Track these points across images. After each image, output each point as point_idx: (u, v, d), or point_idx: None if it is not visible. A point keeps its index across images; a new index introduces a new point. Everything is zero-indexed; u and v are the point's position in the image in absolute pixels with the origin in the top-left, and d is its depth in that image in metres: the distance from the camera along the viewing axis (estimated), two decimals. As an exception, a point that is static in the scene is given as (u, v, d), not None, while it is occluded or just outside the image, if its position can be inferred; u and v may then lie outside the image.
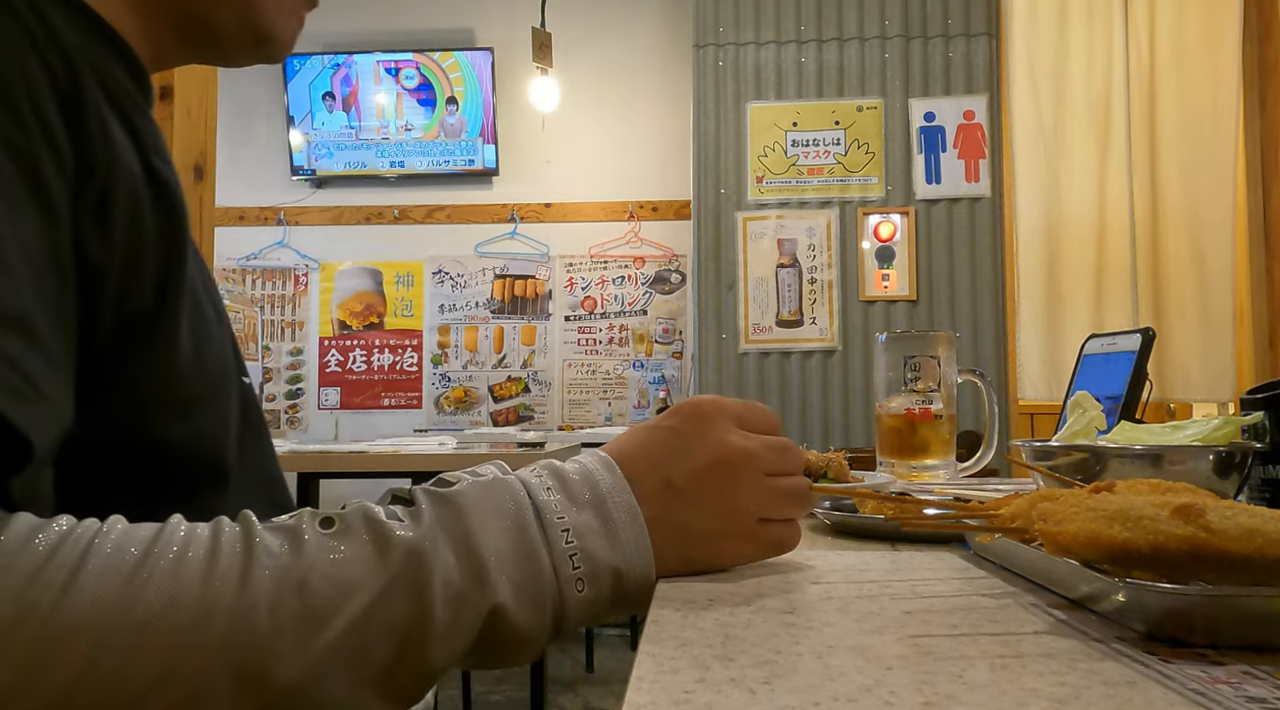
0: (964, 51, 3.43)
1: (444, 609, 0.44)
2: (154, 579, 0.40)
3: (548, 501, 0.49)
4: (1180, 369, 3.11)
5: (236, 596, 0.40)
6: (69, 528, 0.41)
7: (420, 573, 0.44)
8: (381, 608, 0.43)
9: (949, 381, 1.17)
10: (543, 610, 0.47)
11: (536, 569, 0.47)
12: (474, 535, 0.46)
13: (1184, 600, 0.38)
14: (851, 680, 0.34)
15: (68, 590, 0.38)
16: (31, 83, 0.47)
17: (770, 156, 3.51)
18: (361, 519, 0.45)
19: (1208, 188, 3.12)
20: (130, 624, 0.39)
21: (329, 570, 0.42)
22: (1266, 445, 0.72)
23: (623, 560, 0.49)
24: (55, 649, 0.38)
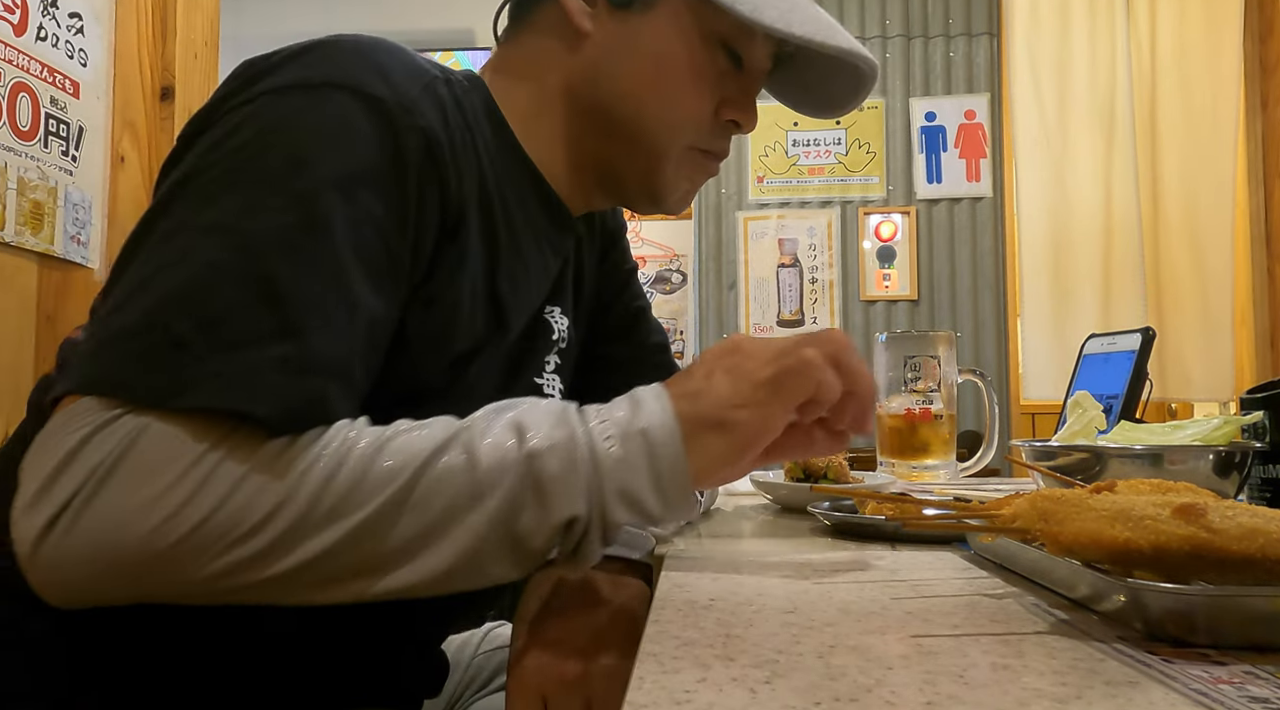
0: (965, 51, 3.43)
1: (489, 458, 0.51)
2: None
3: (586, 405, 0.56)
4: (1181, 368, 3.10)
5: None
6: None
7: (472, 433, 0.52)
8: (440, 458, 0.51)
9: (949, 381, 1.17)
10: (579, 460, 0.52)
11: (570, 432, 0.52)
12: (522, 414, 0.53)
13: (1186, 600, 0.38)
14: (853, 680, 0.34)
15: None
16: (420, 189, 0.59)
17: (771, 156, 3.51)
18: (444, 419, 0.54)
19: (1208, 187, 3.12)
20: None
21: (408, 439, 0.52)
22: (1266, 445, 0.72)
23: (645, 422, 0.54)
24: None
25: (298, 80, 0.58)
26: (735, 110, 0.75)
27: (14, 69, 1.31)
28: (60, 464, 0.48)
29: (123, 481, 0.48)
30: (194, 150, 0.57)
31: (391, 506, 0.50)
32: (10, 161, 1.30)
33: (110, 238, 1.51)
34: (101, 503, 0.47)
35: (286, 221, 0.53)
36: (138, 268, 0.53)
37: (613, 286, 0.91)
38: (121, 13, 1.55)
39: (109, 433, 0.48)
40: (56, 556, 0.48)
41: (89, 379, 0.50)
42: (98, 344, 0.51)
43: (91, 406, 0.49)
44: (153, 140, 1.64)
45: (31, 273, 1.36)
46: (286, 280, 0.52)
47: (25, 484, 0.49)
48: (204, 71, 1.77)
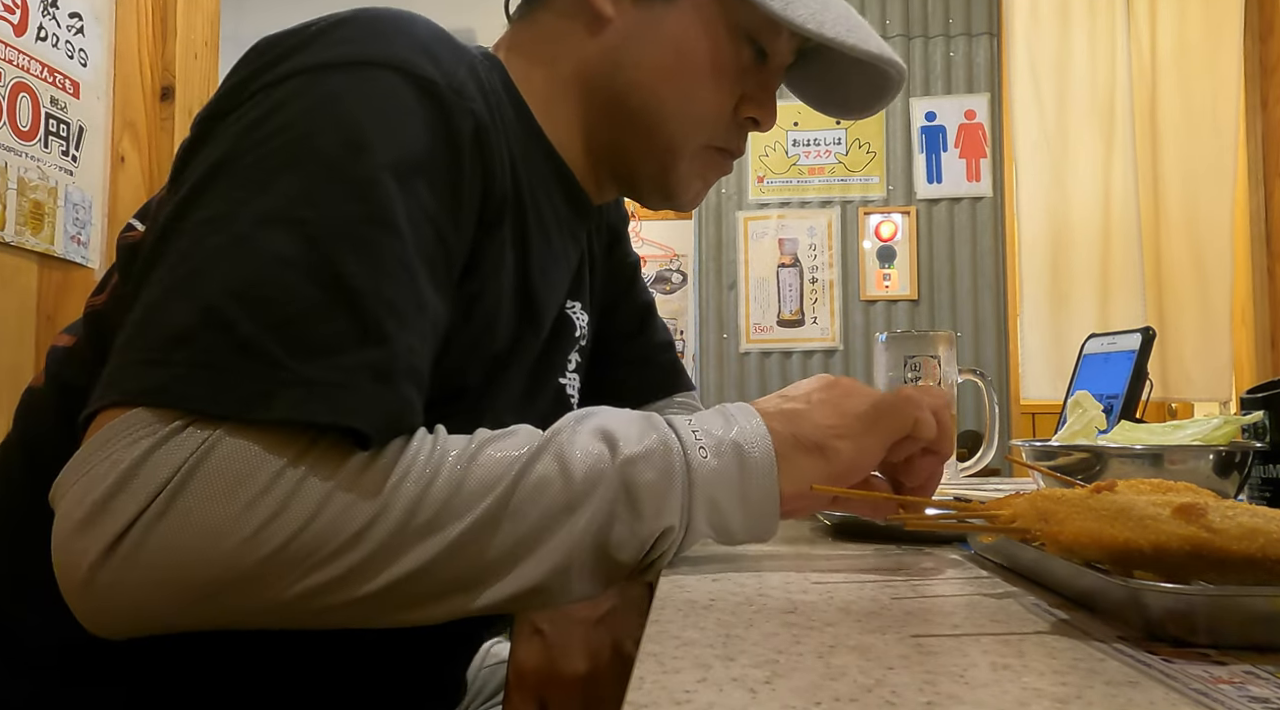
0: (965, 51, 3.43)
1: (583, 468, 0.49)
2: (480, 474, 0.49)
3: (671, 414, 0.55)
4: (1180, 368, 3.10)
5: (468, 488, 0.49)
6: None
7: (562, 442, 0.50)
8: (533, 469, 0.49)
9: (949, 381, 1.17)
10: (673, 472, 0.51)
11: (664, 439, 0.52)
12: (607, 423, 0.52)
13: (1186, 600, 0.38)
14: (853, 680, 0.34)
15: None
16: (469, 179, 0.56)
17: (771, 156, 3.51)
18: (528, 428, 0.52)
19: (1208, 187, 3.12)
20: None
21: (497, 450, 0.50)
22: (1266, 445, 0.72)
23: (739, 435, 0.53)
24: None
25: (339, 58, 0.53)
26: (755, 107, 0.72)
27: (14, 69, 1.31)
28: (120, 480, 0.44)
29: (199, 496, 0.44)
30: (221, 134, 0.52)
31: (488, 520, 0.47)
32: (10, 161, 1.30)
33: (110, 238, 1.51)
34: (176, 519, 0.43)
35: (351, 212, 0.49)
36: (178, 261, 0.48)
37: (621, 281, 0.90)
38: (121, 13, 1.55)
39: (175, 445, 0.44)
40: (121, 579, 0.44)
41: (139, 389, 0.45)
42: (144, 349, 0.47)
43: (145, 419, 0.45)
44: (153, 140, 1.64)
45: (32, 273, 1.36)
46: (360, 278, 0.48)
47: (70, 505, 0.45)
48: (204, 71, 1.77)
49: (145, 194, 1.61)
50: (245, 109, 0.52)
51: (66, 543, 0.45)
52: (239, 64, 0.57)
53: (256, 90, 0.53)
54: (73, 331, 0.66)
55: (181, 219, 0.50)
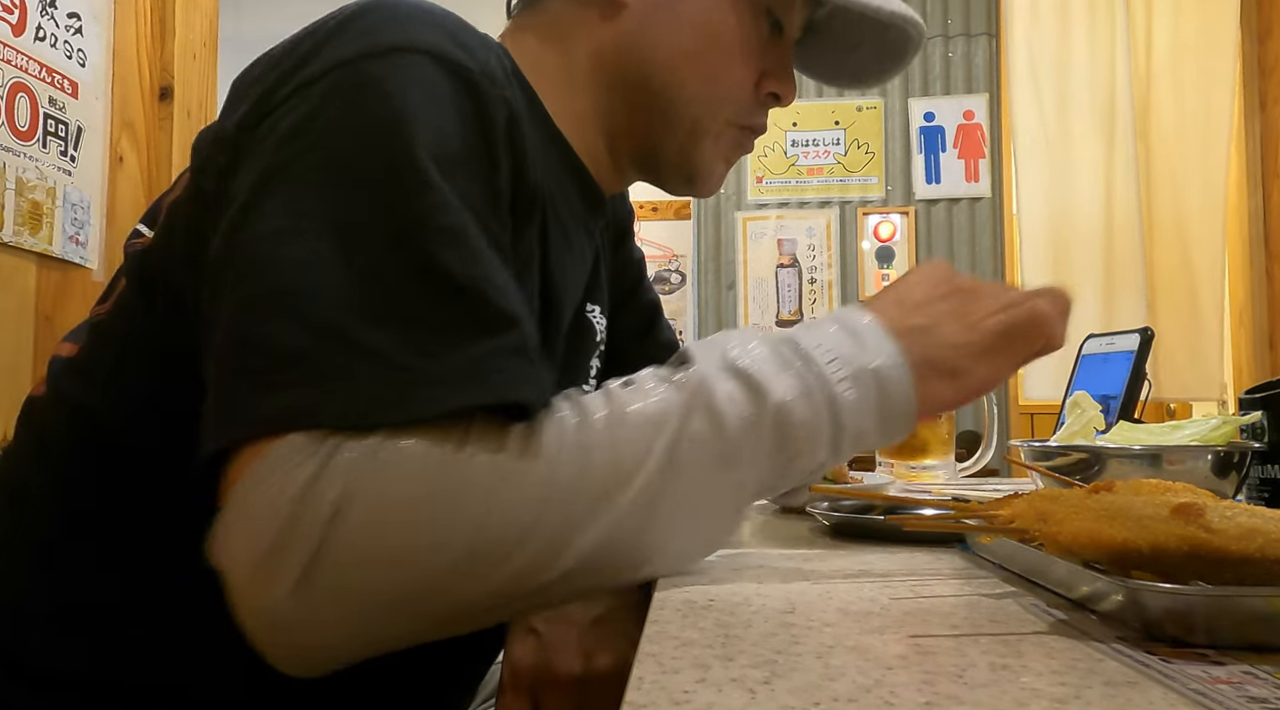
0: (964, 51, 3.43)
1: (734, 418, 0.47)
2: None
3: (795, 332, 0.52)
4: (1175, 368, 3.10)
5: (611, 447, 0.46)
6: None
7: (707, 393, 0.48)
8: (686, 428, 0.47)
9: (949, 381, 1.17)
10: (817, 406, 0.49)
11: (801, 374, 0.50)
12: (741, 360, 0.49)
13: (1184, 600, 0.38)
14: (852, 680, 0.34)
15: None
16: (505, 172, 0.53)
17: (770, 156, 3.51)
18: (648, 374, 0.50)
19: (1202, 187, 3.12)
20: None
21: (640, 409, 0.47)
22: (1265, 445, 0.72)
23: (877, 361, 0.51)
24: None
25: (372, 47, 0.51)
26: (775, 82, 0.71)
27: (13, 69, 1.31)
28: (291, 515, 0.41)
29: (374, 511, 0.42)
30: (264, 142, 0.50)
31: (651, 484, 0.46)
32: (9, 162, 1.30)
33: (109, 238, 1.51)
34: (358, 539, 0.42)
35: (427, 206, 0.47)
36: (257, 279, 0.46)
37: (628, 279, 0.88)
38: (120, 13, 1.55)
39: (337, 465, 0.42)
40: (314, 614, 0.42)
41: (278, 415, 0.43)
42: (257, 373, 0.44)
43: (296, 444, 0.42)
44: (151, 140, 1.64)
45: (30, 273, 1.36)
46: (457, 265, 0.46)
47: (241, 552, 0.43)
48: (203, 71, 1.77)
49: (144, 194, 1.61)
50: (282, 113, 0.50)
51: (248, 590, 0.43)
52: (255, 74, 0.55)
53: (291, 93, 0.51)
54: (74, 339, 0.65)
55: (247, 236, 0.48)
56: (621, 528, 0.45)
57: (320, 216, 0.47)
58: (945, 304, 0.55)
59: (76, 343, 0.64)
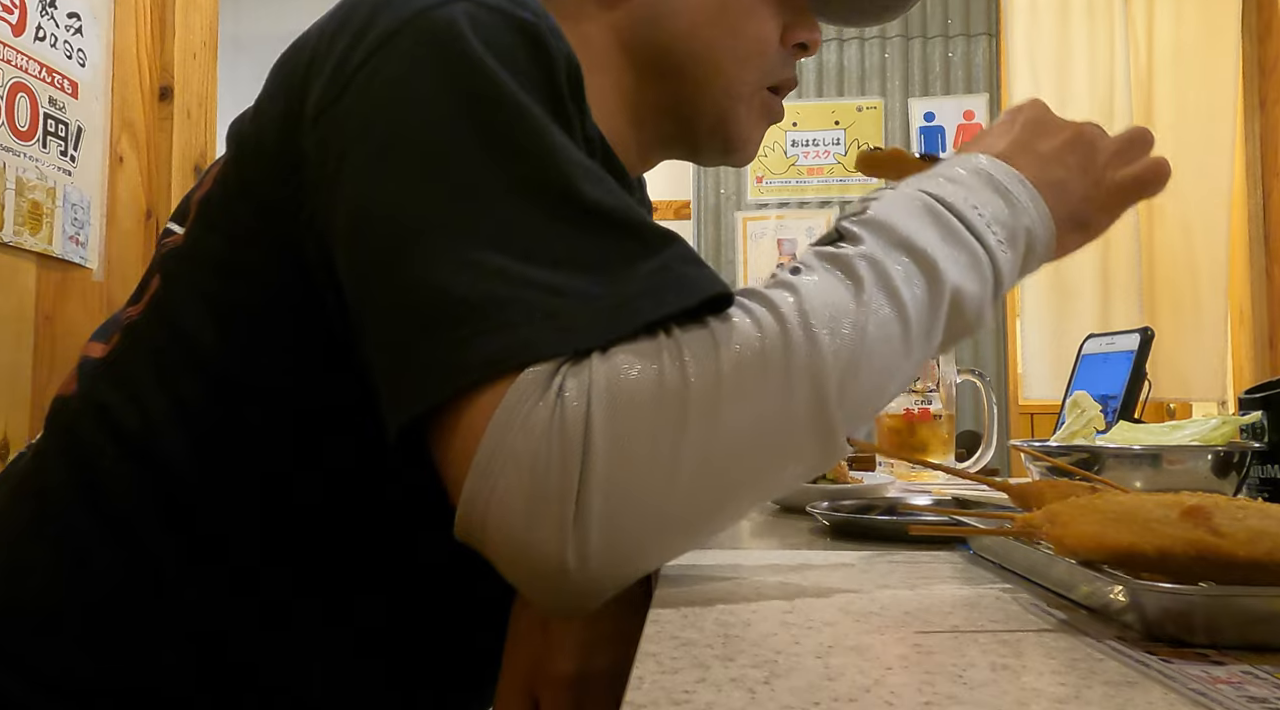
0: (964, 51, 3.43)
1: (914, 302, 0.48)
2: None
3: (945, 192, 0.52)
4: (1175, 368, 3.10)
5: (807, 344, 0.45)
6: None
7: (885, 276, 0.47)
8: (873, 314, 0.46)
9: (948, 381, 1.17)
10: (984, 278, 0.51)
11: (968, 245, 0.50)
12: (909, 238, 0.49)
13: (1184, 600, 0.38)
14: (851, 680, 0.34)
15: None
16: (574, 117, 0.52)
17: (770, 156, 3.51)
18: (816, 257, 0.49)
19: (1204, 187, 3.12)
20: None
21: (827, 297, 0.46)
22: (1265, 445, 0.72)
23: (1028, 220, 0.53)
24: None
25: (430, 2, 0.50)
26: (802, 30, 0.70)
27: (12, 69, 1.31)
28: (544, 455, 0.41)
29: (625, 427, 0.41)
30: (355, 111, 0.49)
31: (850, 371, 0.45)
32: (9, 162, 1.30)
33: (109, 238, 1.51)
34: (618, 460, 0.41)
35: (553, 146, 0.47)
36: (414, 242, 0.45)
37: None
38: (120, 13, 1.55)
39: (571, 394, 0.41)
40: (599, 547, 0.41)
41: (499, 358, 0.42)
42: (454, 326, 0.43)
43: (527, 383, 0.42)
44: (151, 140, 1.64)
45: (30, 273, 1.36)
46: (605, 196, 0.47)
47: (504, 511, 0.42)
48: (203, 71, 1.77)
49: (144, 194, 1.61)
50: (365, 79, 0.49)
51: (523, 548, 0.42)
52: (306, 57, 0.54)
53: (366, 59, 0.49)
54: (103, 338, 0.64)
55: (379, 204, 0.47)
56: (829, 418, 0.45)
57: (457, 170, 0.46)
58: (1073, 155, 0.57)
59: (106, 342, 0.63)
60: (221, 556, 0.57)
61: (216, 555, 0.57)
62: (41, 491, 0.60)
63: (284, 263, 0.54)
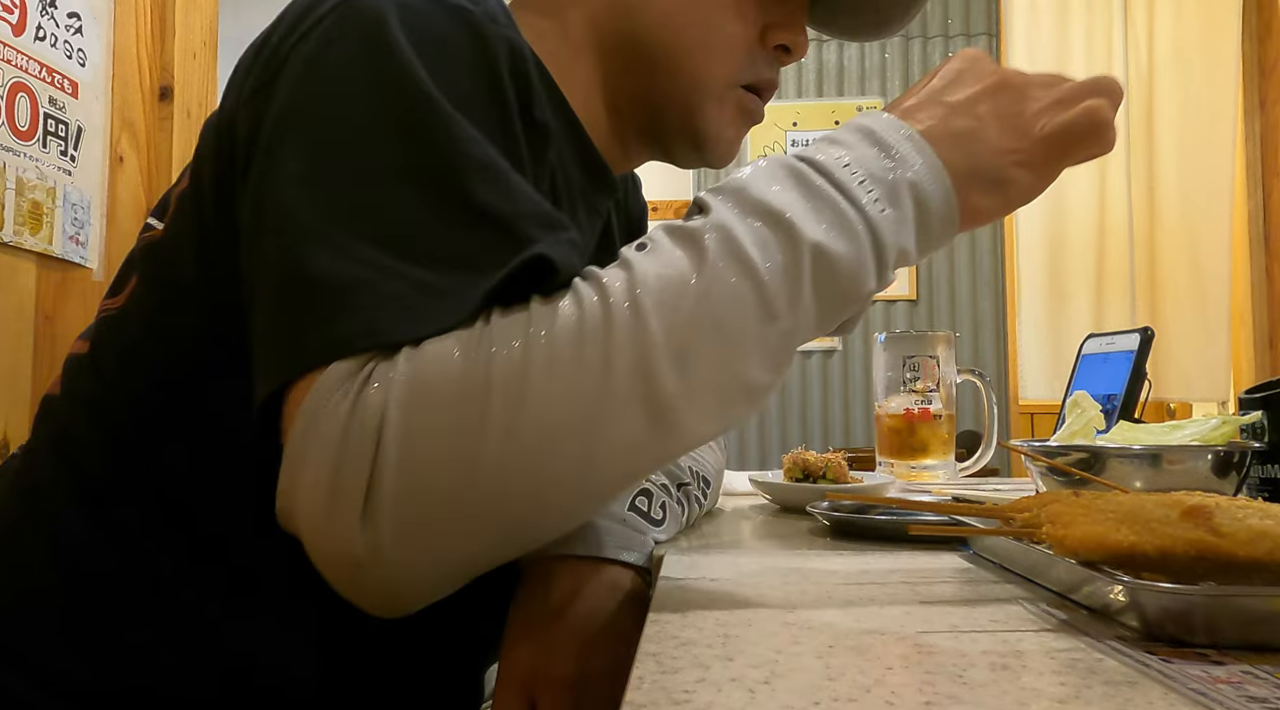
0: (963, 51, 3.43)
1: (768, 266, 0.44)
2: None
3: (818, 154, 0.49)
4: (1177, 368, 3.11)
5: (634, 325, 0.43)
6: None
7: (732, 242, 0.44)
8: (717, 283, 0.44)
9: (948, 381, 1.17)
10: (857, 236, 0.46)
11: (832, 203, 0.46)
12: (764, 199, 0.46)
13: (1184, 600, 0.38)
14: (852, 680, 0.34)
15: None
16: (510, 103, 0.52)
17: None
18: (663, 231, 0.47)
19: (1206, 187, 3.12)
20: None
21: (662, 271, 0.44)
22: (1265, 445, 0.72)
23: (911, 174, 0.48)
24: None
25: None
26: (783, 32, 0.68)
27: (13, 69, 1.31)
28: (339, 447, 0.41)
29: (410, 427, 0.41)
30: (275, 93, 0.50)
31: (688, 345, 0.43)
32: (9, 162, 1.30)
33: (109, 238, 1.51)
34: (404, 460, 0.41)
35: (450, 138, 0.47)
36: (285, 225, 0.46)
37: None
38: (120, 12, 1.55)
39: (369, 393, 0.41)
40: (387, 541, 0.41)
41: (315, 350, 0.43)
42: (295, 311, 0.44)
43: (334, 377, 0.42)
44: (151, 140, 1.64)
45: (30, 273, 1.36)
46: (493, 200, 0.46)
47: (306, 501, 0.42)
48: (203, 71, 1.77)
49: (144, 194, 1.61)
50: (289, 63, 0.50)
51: (320, 537, 0.42)
52: (252, 53, 0.55)
53: (295, 43, 0.51)
54: (87, 337, 0.65)
55: (273, 183, 0.48)
56: (662, 394, 0.42)
57: (345, 157, 0.47)
58: (991, 102, 0.51)
59: (89, 340, 0.64)
60: (220, 557, 0.57)
61: (214, 555, 0.57)
62: (34, 488, 0.61)
63: (231, 256, 0.54)
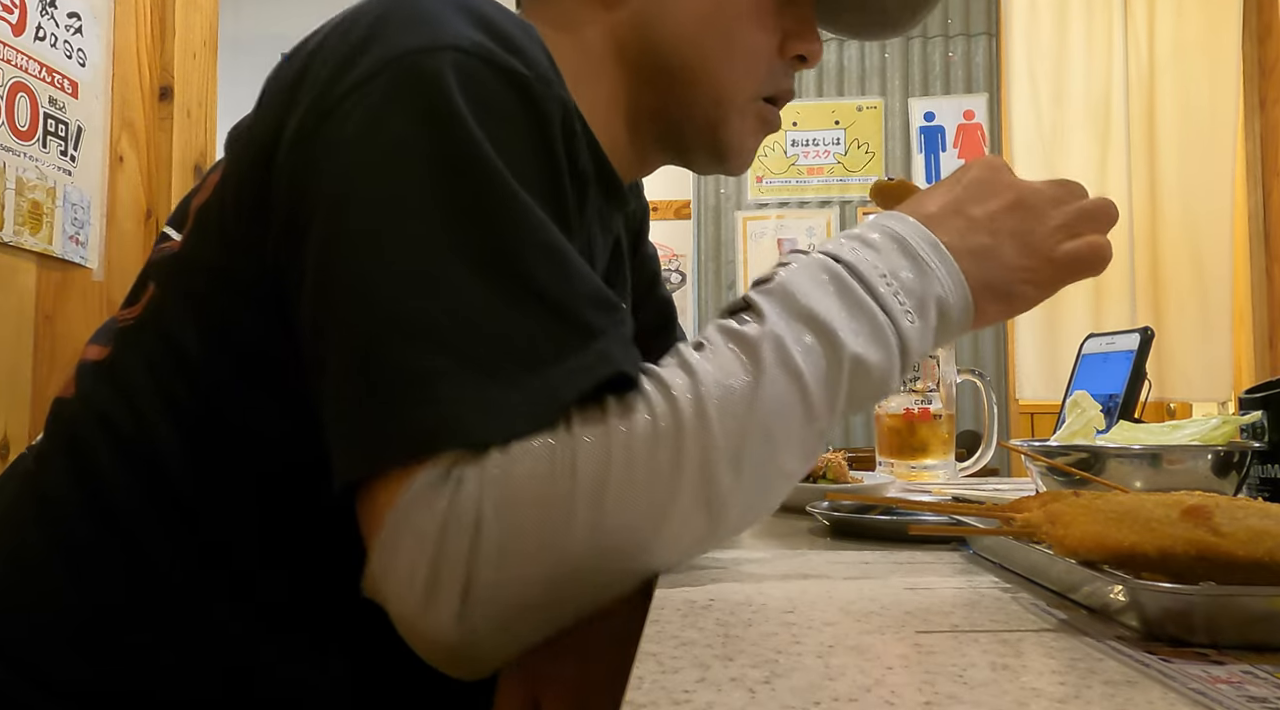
0: (964, 51, 3.43)
1: (813, 375, 0.49)
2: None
3: (855, 258, 0.53)
4: (1178, 368, 3.10)
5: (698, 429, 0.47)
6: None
7: (784, 353, 0.49)
8: (771, 393, 0.48)
9: (948, 381, 1.17)
10: (889, 347, 0.51)
11: (871, 315, 0.51)
12: (810, 308, 0.50)
13: (1184, 600, 0.38)
14: (852, 680, 0.34)
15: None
16: (562, 168, 0.53)
17: (770, 156, 3.51)
18: (719, 333, 0.50)
19: (1206, 187, 3.12)
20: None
21: (722, 379, 0.48)
22: (1265, 444, 0.72)
23: (940, 289, 0.53)
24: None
25: (418, 44, 0.50)
26: (800, 42, 0.69)
27: (13, 69, 1.31)
28: (437, 545, 0.44)
29: (505, 528, 0.44)
30: (329, 149, 0.50)
31: (746, 449, 0.48)
32: (9, 161, 1.30)
33: (109, 238, 1.51)
34: (499, 560, 0.44)
35: (516, 219, 0.48)
36: (354, 305, 0.47)
37: (646, 276, 0.87)
38: (120, 12, 1.55)
39: (463, 496, 0.44)
40: (482, 627, 0.45)
41: (404, 446, 0.45)
42: (376, 400, 0.46)
43: (429, 477, 0.45)
44: (151, 140, 1.64)
45: (30, 273, 1.36)
46: (550, 281, 0.48)
47: (401, 589, 0.45)
48: (203, 71, 1.77)
49: (144, 194, 1.61)
50: (343, 116, 0.50)
51: (416, 625, 0.46)
52: (295, 72, 0.54)
53: (348, 92, 0.50)
54: (101, 341, 0.64)
55: (338, 257, 0.49)
56: (718, 492, 0.47)
57: (413, 235, 0.47)
58: (1009, 219, 0.55)
59: (104, 345, 0.63)
60: (224, 561, 0.57)
61: (219, 560, 0.57)
62: (44, 495, 0.61)
63: (259, 284, 0.55)
